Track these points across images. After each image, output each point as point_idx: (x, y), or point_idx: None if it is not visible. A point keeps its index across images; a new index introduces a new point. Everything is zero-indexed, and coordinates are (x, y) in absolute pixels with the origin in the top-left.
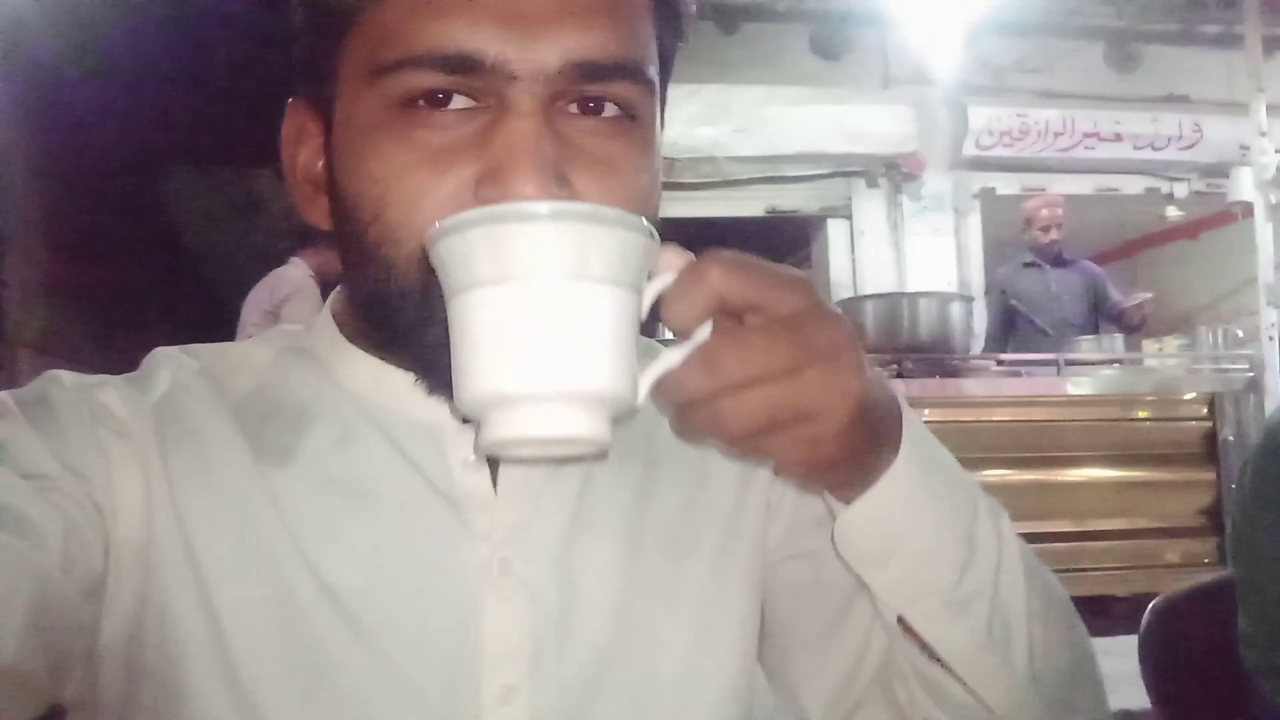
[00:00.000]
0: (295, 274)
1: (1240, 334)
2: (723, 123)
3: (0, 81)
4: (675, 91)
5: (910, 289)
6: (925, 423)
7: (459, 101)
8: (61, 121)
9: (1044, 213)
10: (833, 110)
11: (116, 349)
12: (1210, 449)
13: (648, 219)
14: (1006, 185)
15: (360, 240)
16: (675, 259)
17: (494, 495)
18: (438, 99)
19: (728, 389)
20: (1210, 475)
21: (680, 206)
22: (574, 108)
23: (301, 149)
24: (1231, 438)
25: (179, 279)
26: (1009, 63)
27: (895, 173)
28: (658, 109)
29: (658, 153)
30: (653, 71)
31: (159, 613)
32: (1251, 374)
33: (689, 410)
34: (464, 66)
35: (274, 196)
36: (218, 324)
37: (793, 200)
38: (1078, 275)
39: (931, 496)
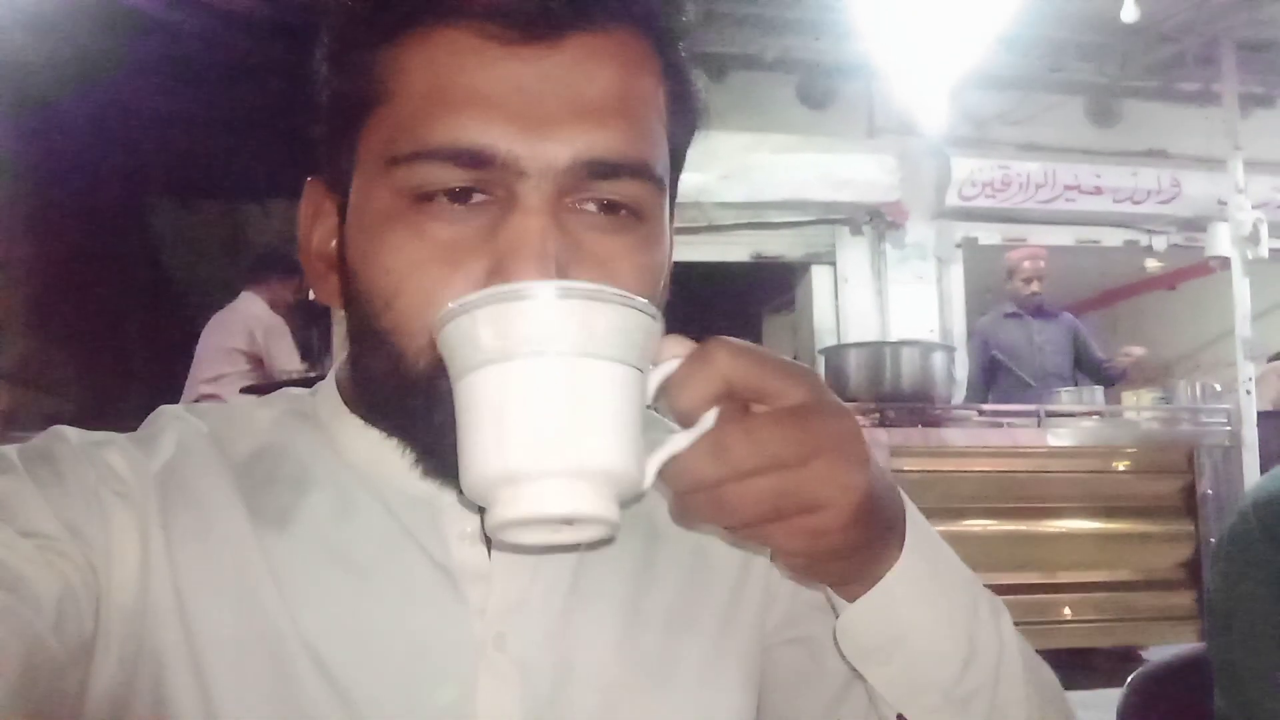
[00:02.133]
0: (262, 310)
1: (1218, 387)
2: (709, 169)
3: None
4: None
5: (893, 336)
6: (906, 472)
7: (475, 197)
8: (48, 154)
9: (1027, 264)
10: (818, 158)
11: (97, 382)
12: (1189, 502)
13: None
14: (989, 235)
15: (371, 327)
16: (678, 345)
17: (490, 568)
18: (453, 193)
19: (735, 476)
20: (1189, 528)
21: None
22: (586, 205)
23: (316, 228)
24: (1210, 491)
25: (162, 312)
26: (992, 115)
27: (879, 221)
28: (666, 205)
29: (665, 248)
30: (661, 170)
31: (152, 676)
32: (1229, 427)
33: (692, 495)
34: (475, 161)
35: (259, 231)
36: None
37: (778, 246)
38: (1059, 327)
39: (935, 595)
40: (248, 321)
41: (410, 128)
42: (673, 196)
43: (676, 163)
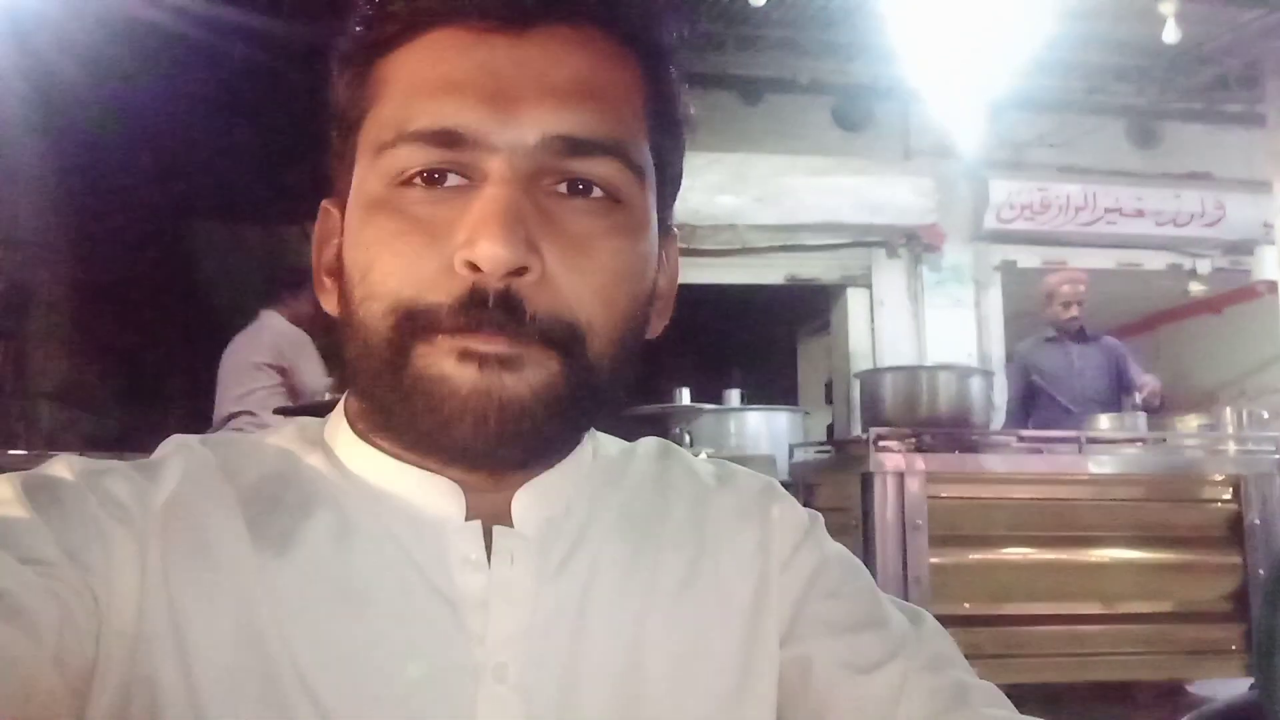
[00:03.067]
0: (286, 326)
1: (1265, 415)
2: (744, 191)
3: (33, 139)
4: (697, 159)
5: (930, 360)
6: (944, 499)
7: (452, 180)
8: (91, 179)
9: (1065, 289)
10: (853, 181)
11: (137, 403)
12: (1236, 532)
13: (633, 300)
14: (1028, 258)
15: (350, 303)
16: None
17: (491, 595)
18: (432, 177)
19: None
20: (1236, 559)
21: (700, 273)
22: (562, 188)
23: (326, 246)
24: (1258, 521)
25: (202, 333)
26: (1030, 138)
27: (915, 244)
28: (649, 198)
29: (649, 240)
30: (638, 158)
31: (147, 705)
32: (1278, 456)
33: None
34: (449, 140)
35: (298, 253)
36: None
37: (812, 269)
38: (1100, 351)
39: None
40: (274, 336)
41: (392, 118)
42: (663, 205)
43: (665, 176)
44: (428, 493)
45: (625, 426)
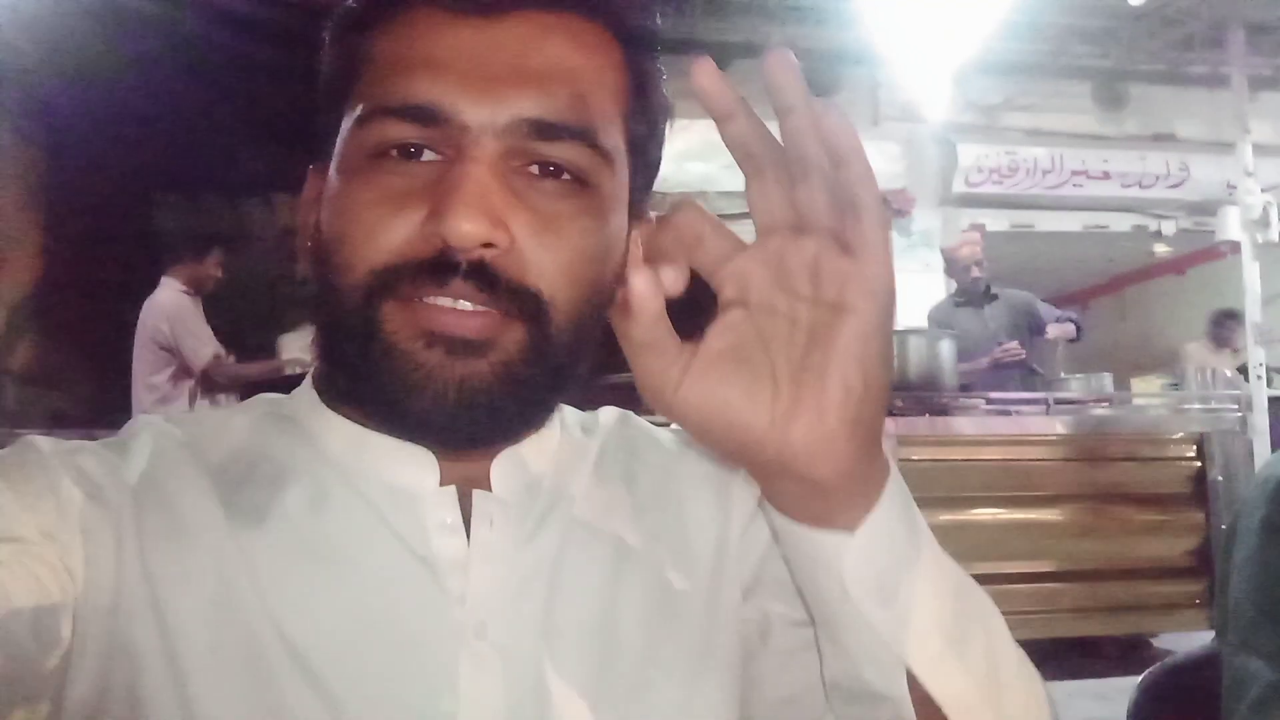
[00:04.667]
0: (170, 297)
1: (1229, 373)
2: (714, 158)
3: None
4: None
5: (900, 325)
6: (916, 461)
7: (427, 155)
8: (51, 153)
9: (964, 251)
10: None
11: (103, 378)
12: (1200, 489)
13: (596, 280)
14: (996, 222)
15: (323, 271)
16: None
17: (469, 557)
18: (408, 152)
19: None
20: (1199, 516)
21: None
22: (533, 169)
23: (312, 212)
24: (1221, 478)
25: None
26: (998, 102)
27: (885, 208)
28: (619, 183)
29: (617, 223)
30: (609, 144)
31: (127, 677)
32: (1240, 414)
33: None
34: (423, 116)
35: (263, 225)
36: None
37: None
38: (1007, 307)
39: (918, 527)
40: (157, 315)
41: (374, 92)
42: (637, 189)
43: (640, 161)
44: (400, 460)
45: (595, 396)
